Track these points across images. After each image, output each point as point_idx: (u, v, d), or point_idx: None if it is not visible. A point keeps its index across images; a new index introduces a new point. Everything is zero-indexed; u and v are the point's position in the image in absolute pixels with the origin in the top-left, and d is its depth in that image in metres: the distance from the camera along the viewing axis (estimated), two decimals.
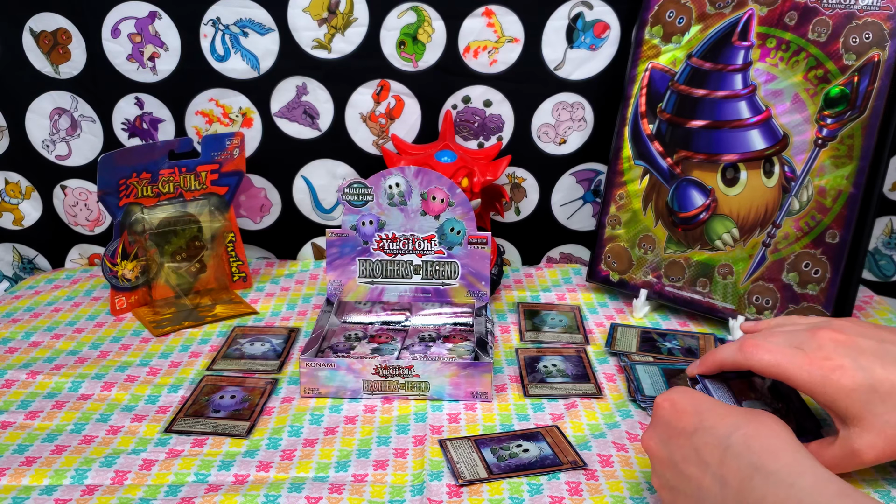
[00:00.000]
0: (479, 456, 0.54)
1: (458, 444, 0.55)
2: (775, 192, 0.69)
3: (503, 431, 0.58)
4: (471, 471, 0.52)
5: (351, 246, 0.72)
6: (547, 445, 0.55)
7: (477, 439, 0.56)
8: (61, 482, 0.52)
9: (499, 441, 0.55)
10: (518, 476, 0.52)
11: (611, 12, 0.80)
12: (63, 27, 0.82)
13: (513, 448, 0.54)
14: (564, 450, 0.54)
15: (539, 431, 0.57)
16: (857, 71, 0.65)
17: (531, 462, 0.53)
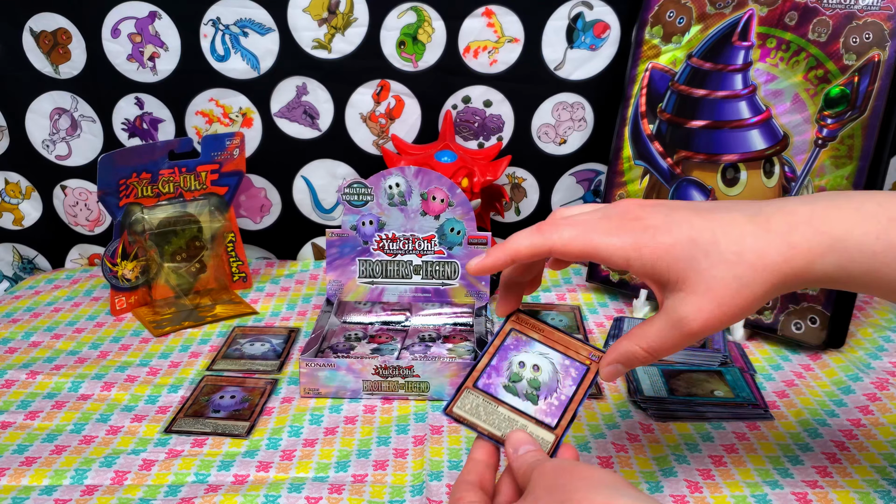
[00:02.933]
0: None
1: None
2: (775, 193, 0.69)
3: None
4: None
5: (351, 246, 0.72)
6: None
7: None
8: (61, 482, 0.52)
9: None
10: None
11: (611, 12, 0.80)
12: (63, 27, 0.82)
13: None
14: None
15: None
16: (857, 71, 0.65)
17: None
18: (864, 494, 0.50)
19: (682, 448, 0.55)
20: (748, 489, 0.51)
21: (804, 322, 0.68)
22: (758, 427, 0.58)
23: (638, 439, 0.56)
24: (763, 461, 0.54)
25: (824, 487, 0.51)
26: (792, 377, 0.65)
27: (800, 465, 0.53)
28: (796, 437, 0.57)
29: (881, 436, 0.56)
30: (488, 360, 0.45)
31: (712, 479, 0.52)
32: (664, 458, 0.54)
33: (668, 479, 0.52)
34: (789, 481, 0.52)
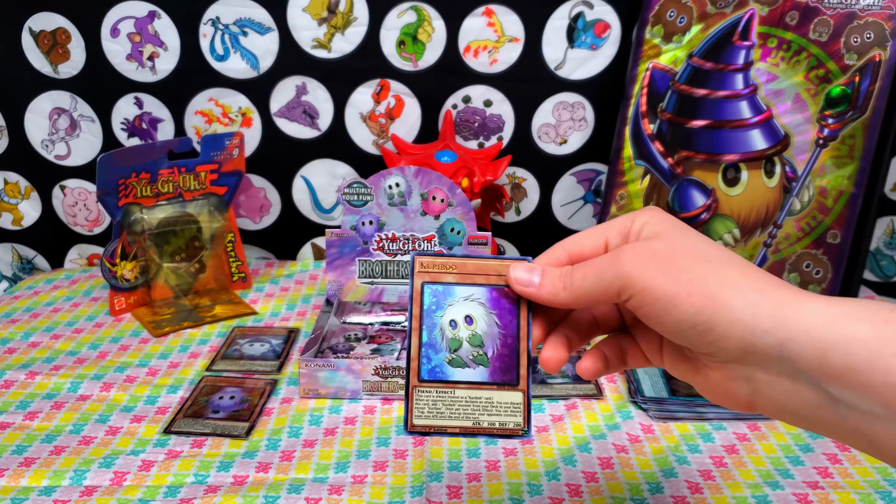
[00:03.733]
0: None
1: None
2: (776, 193, 0.69)
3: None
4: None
5: (351, 246, 0.72)
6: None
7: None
8: (60, 483, 0.52)
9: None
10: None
11: (611, 12, 0.80)
12: (62, 27, 0.81)
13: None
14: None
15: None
16: (858, 71, 0.65)
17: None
18: (866, 495, 0.50)
19: (683, 449, 0.55)
20: (749, 490, 0.51)
21: None
22: (759, 428, 0.58)
23: (638, 440, 0.56)
24: (764, 462, 0.54)
25: (825, 488, 0.51)
26: None
27: (800, 466, 0.53)
28: (797, 438, 0.56)
29: None
30: (418, 339, 0.39)
31: (713, 480, 0.52)
32: (665, 459, 0.54)
33: (668, 479, 0.52)
34: (790, 482, 0.51)
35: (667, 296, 0.33)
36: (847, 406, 0.31)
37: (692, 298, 0.32)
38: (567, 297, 0.36)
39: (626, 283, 0.34)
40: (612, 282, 0.34)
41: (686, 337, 0.33)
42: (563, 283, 0.37)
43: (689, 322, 0.33)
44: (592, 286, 0.35)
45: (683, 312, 0.33)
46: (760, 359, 0.32)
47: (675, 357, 0.37)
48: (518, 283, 0.38)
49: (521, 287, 0.38)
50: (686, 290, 0.33)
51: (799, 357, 0.31)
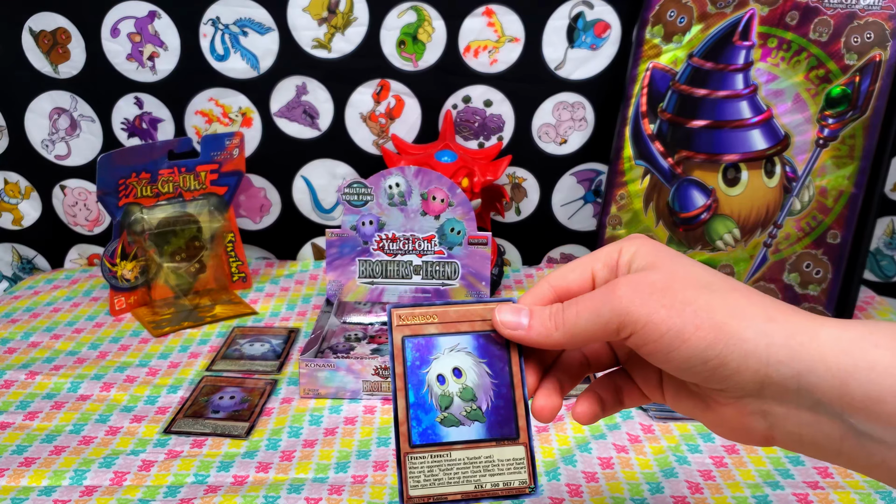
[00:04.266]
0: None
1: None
2: (776, 193, 0.69)
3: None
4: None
5: (351, 246, 0.72)
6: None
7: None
8: (60, 483, 0.52)
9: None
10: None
11: (611, 12, 0.80)
12: (62, 27, 0.81)
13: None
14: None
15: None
16: (858, 71, 0.64)
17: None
18: (866, 495, 0.50)
19: (683, 449, 0.55)
20: (749, 490, 0.51)
21: None
22: None
23: (639, 440, 0.56)
24: (764, 462, 0.54)
25: (825, 488, 0.51)
26: None
27: (801, 466, 0.53)
28: None
29: None
30: (405, 400, 0.36)
31: (713, 480, 0.52)
32: (665, 459, 0.54)
33: (668, 479, 0.52)
34: (790, 482, 0.51)
35: (672, 331, 0.31)
36: (871, 439, 0.29)
37: (700, 332, 0.30)
38: (560, 336, 0.34)
39: (626, 319, 0.32)
40: (610, 319, 0.32)
41: (696, 373, 0.31)
42: (554, 322, 0.34)
43: (700, 358, 0.31)
44: (588, 324, 0.33)
45: (693, 348, 0.30)
46: (777, 392, 0.30)
47: (678, 393, 0.36)
48: (506, 327, 0.36)
49: (510, 331, 0.35)
50: (693, 324, 0.30)
51: (817, 388, 0.29)
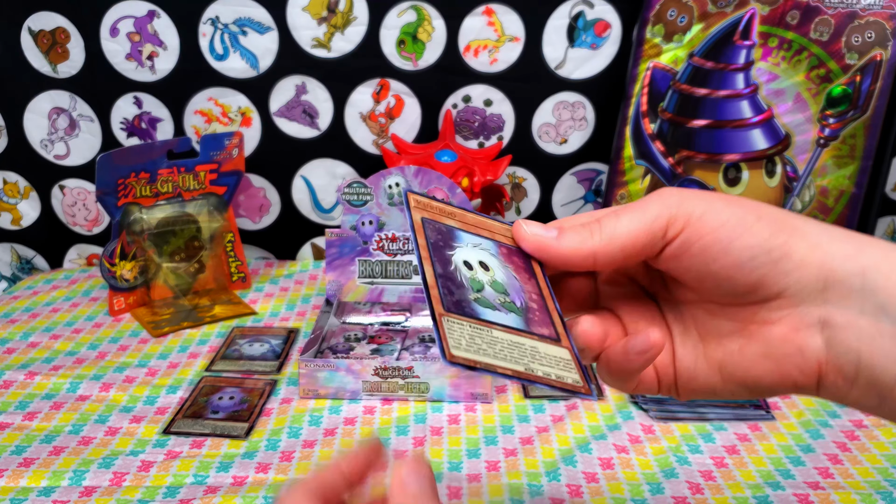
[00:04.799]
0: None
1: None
2: (777, 192, 0.69)
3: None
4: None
5: (350, 246, 0.72)
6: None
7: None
8: (59, 483, 0.52)
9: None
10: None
11: (612, 11, 0.80)
12: (61, 26, 0.81)
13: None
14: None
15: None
16: (859, 70, 0.64)
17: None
18: (867, 496, 0.50)
19: (684, 449, 0.55)
20: (750, 490, 0.50)
21: None
22: (759, 428, 0.58)
23: (639, 440, 0.56)
24: (765, 462, 0.54)
25: (826, 489, 0.50)
26: None
27: (801, 467, 0.53)
28: (798, 438, 0.56)
29: (883, 437, 0.56)
30: (432, 269, 0.31)
31: (714, 481, 0.52)
32: (665, 459, 0.54)
33: (669, 480, 0.52)
34: (791, 482, 0.51)
35: (734, 218, 0.28)
36: None
37: (763, 222, 0.28)
38: (597, 242, 0.30)
39: (678, 211, 0.29)
40: (659, 213, 0.29)
41: (754, 269, 0.28)
42: (589, 230, 0.30)
43: (765, 246, 0.28)
44: (630, 224, 0.29)
45: (756, 236, 0.28)
46: (841, 292, 0.28)
47: (692, 357, 0.32)
48: (533, 237, 0.32)
49: (537, 239, 0.32)
50: (754, 213, 0.29)
51: (882, 288, 0.27)
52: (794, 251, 0.28)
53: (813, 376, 0.30)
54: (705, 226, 0.29)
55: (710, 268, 0.29)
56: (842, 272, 0.28)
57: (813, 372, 0.30)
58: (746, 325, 0.31)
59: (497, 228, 0.35)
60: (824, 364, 0.29)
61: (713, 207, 0.29)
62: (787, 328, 0.30)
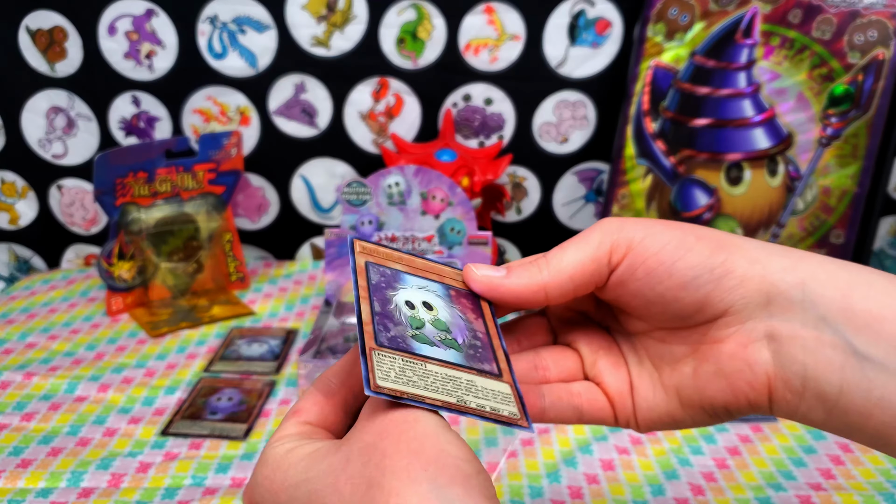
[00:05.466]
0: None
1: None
2: (779, 192, 0.69)
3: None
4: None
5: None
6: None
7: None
8: (57, 485, 0.51)
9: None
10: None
11: (613, 9, 0.80)
12: (59, 25, 0.81)
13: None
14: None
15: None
16: (861, 69, 0.64)
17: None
18: (869, 497, 0.49)
19: (685, 450, 0.55)
20: (751, 492, 0.50)
21: None
22: (761, 429, 0.57)
23: (640, 442, 0.56)
24: (766, 464, 0.53)
25: (828, 490, 0.50)
26: None
27: (803, 468, 0.53)
28: (800, 440, 0.56)
29: None
30: (369, 308, 0.31)
31: (715, 482, 0.51)
32: (666, 461, 0.54)
33: (670, 481, 0.52)
34: (793, 484, 0.51)
35: (673, 241, 0.30)
36: (873, 365, 0.28)
37: (703, 242, 0.30)
38: (546, 277, 0.31)
39: (620, 237, 0.30)
40: (601, 241, 0.30)
41: (699, 288, 0.30)
42: (537, 266, 0.31)
43: (707, 265, 0.29)
44: (576, 255, 0.31)
45: (698, 255, 0.29)
46: (783, 305, 0.29)
47: (649, 384, 0.33)
48: (481, 277, 0.33)
49: (486, 279, 0.32)
50: (694, 234, 0.30)
51: (822, 299, 0.29)
52: (735, 268, 0.29)
53: (763, 391, 0.30)
54: (647, 249, 0.30)
55: (655, 290, 0.30)
56: (782, 285, 0.29)
57: (763, 387, 0.30)
58: (698, 347, 0.32)
59: (447, 273, 0.35)
60: (773, 378, 0.30)
61: (652, 231, 0.30)
62: (735, 345, 0.30)
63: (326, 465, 0.27)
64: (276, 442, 0.30)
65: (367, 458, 0.26)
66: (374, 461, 0.26)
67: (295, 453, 0.28)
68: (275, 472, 0.28)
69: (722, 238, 0.30)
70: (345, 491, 0.25)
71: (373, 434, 0.27)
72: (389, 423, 0.27)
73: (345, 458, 0.26)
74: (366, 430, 0.27)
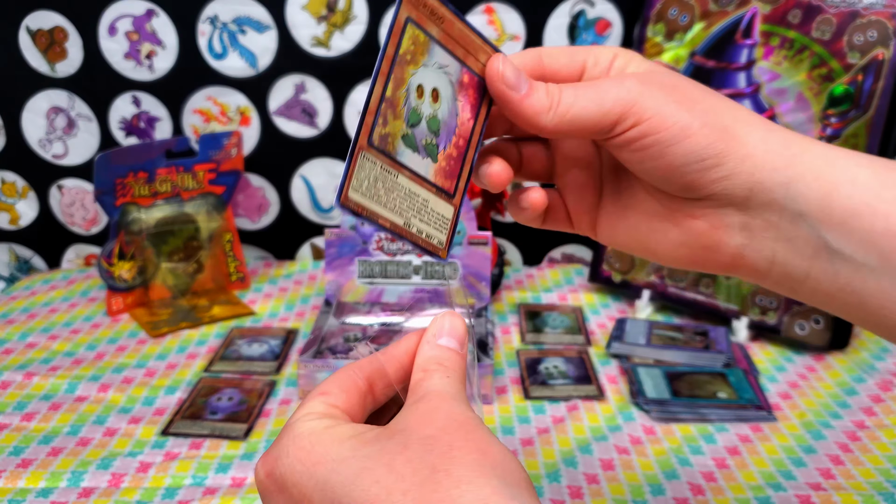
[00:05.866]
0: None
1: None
2: None
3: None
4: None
5: (350, 246, 0.71)
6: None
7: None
8: (57, 485, 0.51)
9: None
10: None
11: (613, 10, 0.80)
12: (60, 25, 0.81)
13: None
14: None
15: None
16: (861, 69, 0.64)
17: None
18: (869, 497, 0.49)
19: (685, 450, 0.55)
20: (751, 492, 0.50)
21: (808, 323, 0.67)
22: (761, 429, 0.57)
23: (640, 441, 0.56)
24: (766, 463, 0.53)
25: (828, 490, 0.50)
26: (795, 379, 0.64)
27: (803, 468, 0.53)
28: (800, 440, 0.56)
29: (885, 438, 0.56)
30: (381, 90, 0.31)
31: (715, 482, 0.51)
32: (667, 461, 0.54)
33: (670, 481, 0.52)
34: (792, 484, 0.51)
35: (678, 124, 0.30)
36: (842, 258, 0.30)
37: (706, 129, 0.30)
38: (550, 119, 0.32)
39: (632, 109, 0.30)
40: (613, 106, 0.31)
41: (686, 173, 0.31)
42: (550, 100, 0.32)
43: (699, 155, 0.30)
44: (585, 110, 0.31)
45: (695, 144, 0.30)
46: (764, 200, 0.31)
47: (616, 217, 0.35)
48: (501, 82, 0.32)
49: (504, 88, 0.32)
50: (700, 121, 0.30)
51: (803, 197, 0.30)
52: (727, 161, 0.30)
53: (725, 267, 0.33)
54: (651, 128, 0.31)
55: (644, 165, 0.32)
56: (769, 182, 0.30)
57: (725, 264, 0.33)
58: (673, 213, 0.33)
59: (476, 48, 0.34)
60: (738, 259, 0.32)
61: (663, 112, 0.30)
62: (708, 225, 0.32)
63: (380, 447, 0.27)
64: (307, 418, 0.30)
65: (430, 447, 0.27)
66: (439, 450, 0.26)
67: (337, 430, 0.29)
68: (315, 444, 0.28)
69: (728, 126, 0.31)
70: (404, 471, 0.26)
71: (434, 428, 0.27)
72: (452, 421, 0.28)
73: (402, 444, 0.27)
74: (424, 423, 0.28)
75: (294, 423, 0.30)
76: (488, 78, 0.33)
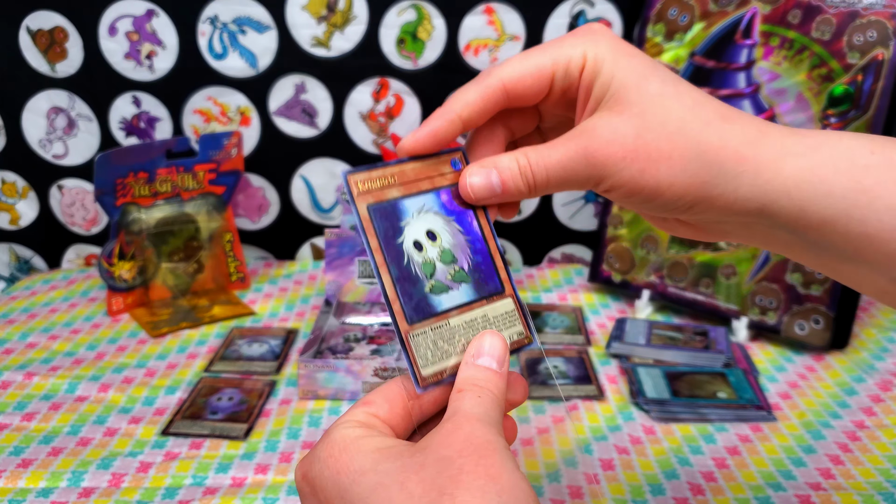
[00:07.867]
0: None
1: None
2: None
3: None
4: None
5: (350, 246, 0.71)
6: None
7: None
8: (58, 485, 0.51)
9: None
10: None
11: (613, 10, 0.80)
12: (60, 25, 0.81)
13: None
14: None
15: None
16: (861, 70, 0.64)
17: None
18: (868, 497, 0.49)
19: (685, 450, 0.55)
20: (751, 492, 0.50)
21: (808, 323, 0.67)
22: (761, 429, 0.57)
23: (640, 441, 0.56)
24: (766, 463, 0.53)
25: (828, 490, 0.50)
26: (795, 379, 0.64)
27: (803, 468, 0.53)
28: (800, 440, 0.56)
29: (885, 438, 0.56)
30: (389, 276, 0.33)
31: (715, 482, 0.51)
32: (666, 461, 0.54)
33: (670, 481, 0.52)
34: (792, 483, 0.51)
35: (647, 189, 0.32)
36: (819, 247, 0.32)
37: (674, 189, 0.32)
38: (535, 192, 0.34)
39: (601, 178, 0.33)
40: (587, 178, 0.33)
41: (671, 211, 0.33)
42: (524, 181, 0.33)
43: (671, 206, 0.33)
44: (560, 179, 0.33)
45: (666, 201, 0.32)
46: (740, 218, 0.33)
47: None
48: (479, 190, 0.34)
49: (483, 196, 0.34)
50: (667, 182, 0.32)
51: (779, 215, 0.32)
52: (698, 205, 0.33)
53: (712, 236, 0.36)
54: (625, 192, 0.33)
55: (631, 205, 0.34)
56: (741, 210, 0.32)
57: (712, 235, 0.36)
58: (664, 218, 0.36)
59: (436, 169, 0.35)
60: (721, 234, 0.36)
61: (630, 182, 0.32)
62: (695, 224, 0.35)
63: (399, 465, 0.28)
64: (344, 425, 0.31)
65: (443, 468, 0.27)
66: (449, 473, 0.27)
67: (366, 441, 0.30)
68: (342, 453, 0.29)
69: (695, 174, 0.32)
70: (415, 491, 0.27)
71: (451, 450, 0.28)
72: (469, 444, 0.28)
73: (419, 464, 0.28)
74: (444, 444, 0.29)
75: (332, 429, 0.31)
76: (466, 199, 0.35)
